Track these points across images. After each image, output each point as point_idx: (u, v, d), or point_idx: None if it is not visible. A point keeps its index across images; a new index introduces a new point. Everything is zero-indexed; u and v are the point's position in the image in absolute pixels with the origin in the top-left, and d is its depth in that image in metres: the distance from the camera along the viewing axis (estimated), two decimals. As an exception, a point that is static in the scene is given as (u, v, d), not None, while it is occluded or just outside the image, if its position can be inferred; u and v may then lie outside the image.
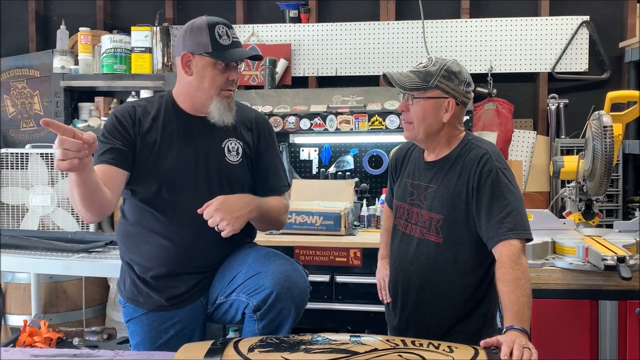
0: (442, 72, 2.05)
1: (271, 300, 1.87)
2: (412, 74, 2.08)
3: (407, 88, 2.06)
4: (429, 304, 2.11)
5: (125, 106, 2.11)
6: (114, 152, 1.97)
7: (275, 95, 4.02)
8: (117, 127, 2.02)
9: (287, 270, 1.92)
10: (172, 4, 4.54)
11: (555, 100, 4.08)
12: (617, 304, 2.42)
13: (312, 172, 4.16)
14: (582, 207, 2.96)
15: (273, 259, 1.97)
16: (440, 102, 2.06)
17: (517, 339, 1.65)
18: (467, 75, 2.10)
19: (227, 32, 2.02)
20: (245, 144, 2.13)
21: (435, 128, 2.09)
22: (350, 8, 4.39)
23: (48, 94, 4.34)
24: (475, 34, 4.15)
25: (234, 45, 2.01)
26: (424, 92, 2.05)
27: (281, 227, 2.25)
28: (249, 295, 1.92)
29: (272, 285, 1.87)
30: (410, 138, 2.16)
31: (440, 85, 2.04)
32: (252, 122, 2.17)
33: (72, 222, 4.06)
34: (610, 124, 2.62)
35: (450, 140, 2.13)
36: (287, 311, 1.89)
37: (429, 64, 2.08)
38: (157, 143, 2.04)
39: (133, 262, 2.10)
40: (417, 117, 2.07)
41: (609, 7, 4.11)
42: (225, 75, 2.02)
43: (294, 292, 1.89)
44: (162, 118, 2.07)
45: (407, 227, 2.19)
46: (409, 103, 2.09)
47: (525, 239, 1.94)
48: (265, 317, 1.90)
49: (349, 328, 3.26)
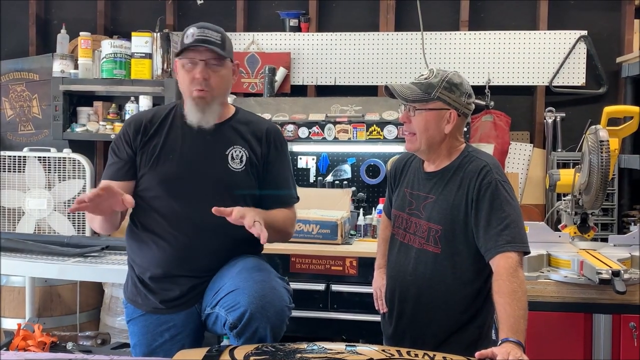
0: (444, 83, 2.06)
1: (246, 319, 1.85)
2: (414, 86, 2.09)
3: (410, 100, 2.07)
4: (426, 315, 2.11)
5: (136, 115, 2.21)
6: (120, 166, 2.11)
7: (274, 104, 4.04)
8: (124, 139, 2.12)
9: (263, 289, 1.89)
10: (173, 10, 4.55)
11: (552, 113, 4.10)
12: (612, 317, 2.42)
13: (310, 181, 4.16)
14: (577, 221, 2.97)
15: (255, 275, 1.95)
16: (442, 114, 2.08)
17: (512, 351, 1.66)
18: (468, 87, 2.12)
19: (195, 31, 2.02)
20: (253, 153, 2.13)
21: (437, 139, 2.10)
22: (350, 18, 4.42)
23: (47, 97, 4.34)
24: (474, 46, 4.18)
25: (195, 42, 2.00)
26: (426, 103, 2.06)
27: (288, 238, 2.23)
28: (227, 311, 1.92)
29: (247, 304, 1.85)
30: (412, 150, 2.17)
31: (442, 97, 2.06)
32: (262, 133, 2.17)
33: (68, 226, 4.05)
34: (607, 139, 2.64)
35: (451, 151, 2.14)
36: (263, 330, 1.86)
37: (430, 75, 2.09)
38: (158, 146, 2.08)
39: (134, 263, 2.14)
40: (419, 129, 2.08)
41: (607, 22, 4.14)
42: (191, 74, 2.03)
43: (269, 312, 1.86)
44: (169, 123, 2.12)
45: (405, 237, 2.20)
46: (410, 114, 2.10)
47: (523, 251, 1.95)
48: (242, 335, 1.88)
49: (344, 337, 3.26)
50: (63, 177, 4.09)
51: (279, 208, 2.15)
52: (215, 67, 2.04)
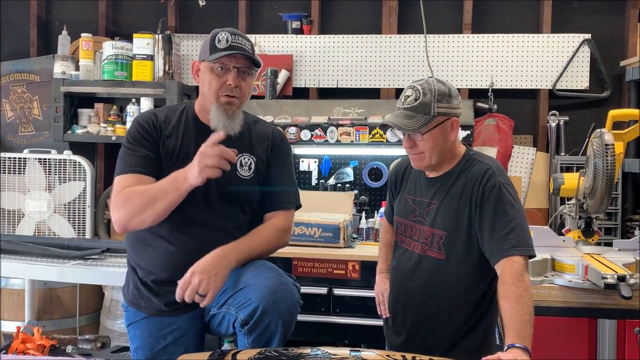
0: (436, 97, 2.04)
1: (258, 314, 1.85)
2: (410, 112, 2.04)
3: (416, 129, 2.04)
4: (430, 321, 2.09)
5: (146, 113, 2.15)
6: (143, 160, 2.02)
7: (276, 106, 4.02)
8: (142, 134, 2.05)
9: (274, 285, 1.89)
10: (175, 12, 4.54)
11: (556, 117, 4.09)
12: (616, 322, 2.41)
13: (312, 184, 4.14)
14: (581, 225, 2.96)
15: (263, 272, 1.95)
16: (446, 126, 2.07)
17: (518, 356, 1.65)
18: (453, 89, 2.10)
19: (228, 37, 2.01)
20: (259, 159, 2.13)
21: (445, 150, 2.09)
22: (352, 21, 4.40)
23: (48, 99, 4.32)
24: (477, 50, 4.17)
25: (230, 49, 2.00)
26: (429, 124, 2.04)
27: (280, 248, 2.15)
28: (238, 308, 1.91)
29: (259, 299, 1.85)
30: (423, 168, 2.15)
31: (441, 111, 2.04)
32: (267, 137, 2.18)
33: (68, 228, 4.03)
34: (612, 142, 2.62)
35: (452, 156, 2.13)
36: (275, 326, 1.86)
37: (418, 95, 2.04)
38: (176, 150, 2.06)
39: (137, 266, 2.12)
40: (428, 149, 2.07)
41: (611, 26, 4.13)
42: (222, 79, 2.02)
43: (281, 306, 1.86)
44: (183, 126, 2.10)
45: (408, 243, 2.18)
46: (416, 139, 2.07)
47: (529, 255, 1.93)
48: (253, 331, 1.88)
49: (346, 342, 3.24)
50: (63, 179, 4.07)
51: (275, 211, 2.13)
52: (245, 75, 2.05)
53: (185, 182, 1.88)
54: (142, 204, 1.93)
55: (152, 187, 1.95)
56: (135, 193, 1.95)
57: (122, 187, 1.99)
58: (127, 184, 1.99)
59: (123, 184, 2.00)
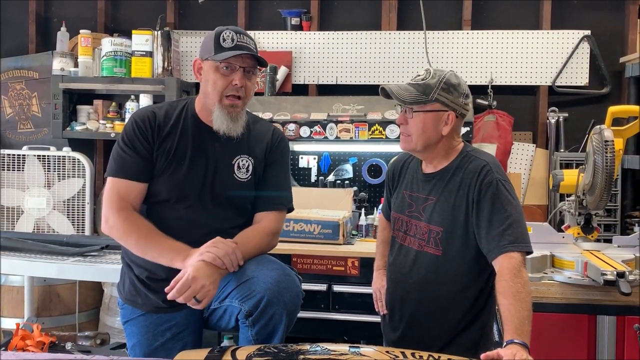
0: (442, 84, 2.03)
1: (262, 305, 1.85)
2: (411, 87, 2.05)
3: (407, 102, 2.04)
4: (427, 317, 2.09)
5: (145, 111, 2.11)
6: (136, 165, 2.02)
7: (275, 102, 4.01)
8: (137, 135, 2.03)
9: (278, 276, 1.90)
10: (174, 8, 4.53)
11: (555, 113, 4.09)
12: (616, 319, 2.41)
13: (311, 180, 4.14)
14: (581, 221, 2.96)
15: (266, 265, 1.96)
16: (440, 115, 2.05)
17: (517, 352, 1.64)
18: (466, 87, 2.09)
19: (234, 36, 1.99)
20: (257, 160, 2.12)
21: (434, 141, 2.07)
22: (352, 17, 4.39)
23: (46, 95, 4.32)
24: (477, 46, 4.16)
25: (237, 48, 1.99)
26: (424, 105, 2.03)
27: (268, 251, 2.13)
28: (241, 300, 1.91)
29: (264, 290, 1.86)
30: (407, 149, 2.14)
31: (440, 99, 2.03)
32: (267, 137, 2.16)
33: (68, 225, 4.03)
34: (612, 139, 2.62)
35: (449, 151, 2.12)
36: (279, 316, 1.87)
37: (427, 76, 2.05)
38: (172, 151, 2.05)
39: (133, 263, 2.11)
40: (416, 131, 2.05)
41: (610, 22, 4.12)
42: (227, 79, 2.00)
43: (285, 297, 1.87)
44: (181, 125, 2.08)
45: (405, 239, 2.18)
46: (408, 116, 2.07)
47: (526, 251, 1.93)
48: (258, 322, 1.88)
49: (345, 338, 3.24)
50: (62, 176, 4.07)
51: (267, 211, 2.12)
52: (250, 74, 2.04)
53: (180, 263, 1.89)
54: (136, 244, 1.98)
55: (152, 240, 1.96)
56: (135, 231, 1.97)
57: (114, 192, 2.01)
58: (119, 189, 2.01)
59: (115, 188, 2.02)
